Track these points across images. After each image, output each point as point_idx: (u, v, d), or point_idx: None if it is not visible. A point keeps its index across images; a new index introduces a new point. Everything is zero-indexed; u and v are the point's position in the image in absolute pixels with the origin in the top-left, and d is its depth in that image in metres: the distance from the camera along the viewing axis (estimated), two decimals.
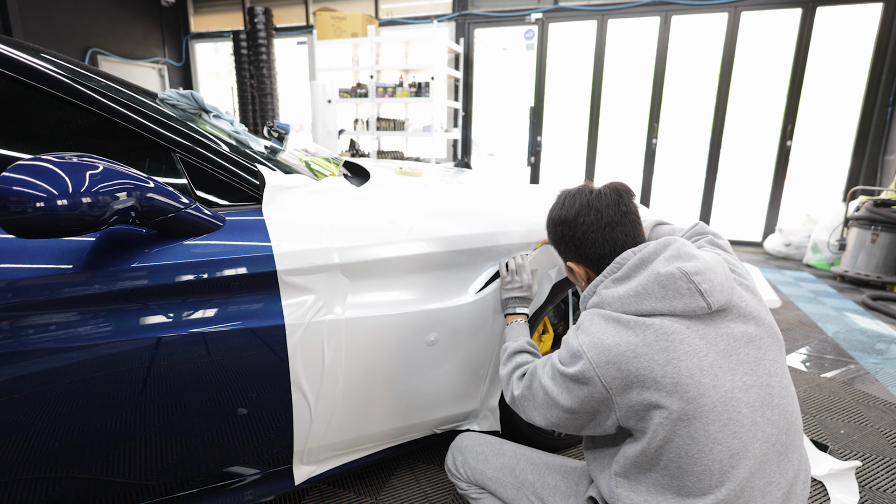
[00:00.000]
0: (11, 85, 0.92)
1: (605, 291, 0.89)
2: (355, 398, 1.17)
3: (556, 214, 1.02)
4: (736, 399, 0.79)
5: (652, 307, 0.82)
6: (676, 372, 0.78)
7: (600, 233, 0.94)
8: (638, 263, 0.87)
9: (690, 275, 0.80)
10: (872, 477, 1.56)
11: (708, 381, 0.78)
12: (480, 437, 1.19)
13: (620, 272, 0.89)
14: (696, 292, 0.80)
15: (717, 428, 0.77)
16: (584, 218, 0.95)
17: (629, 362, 0.80)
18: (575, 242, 0.98)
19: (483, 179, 1.84)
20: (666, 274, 0.81)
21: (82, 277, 0.86)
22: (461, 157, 5.97)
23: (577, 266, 1.01)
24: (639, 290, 0.83)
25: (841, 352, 2.52)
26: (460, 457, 1.16)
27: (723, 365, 0.80)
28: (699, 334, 0.81)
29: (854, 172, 4.68)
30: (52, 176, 0.72)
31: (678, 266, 0.82)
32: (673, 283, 0.81)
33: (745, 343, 0.83)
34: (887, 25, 4.36)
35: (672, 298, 0.81)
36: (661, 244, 0.87)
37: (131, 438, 0.96)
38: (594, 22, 5.18)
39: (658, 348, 0.79)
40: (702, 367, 0.78)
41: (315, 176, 1.31)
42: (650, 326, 0.81)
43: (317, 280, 1.06)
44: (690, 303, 0.80)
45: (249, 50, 6.28)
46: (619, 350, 0.81)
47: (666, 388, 0.78)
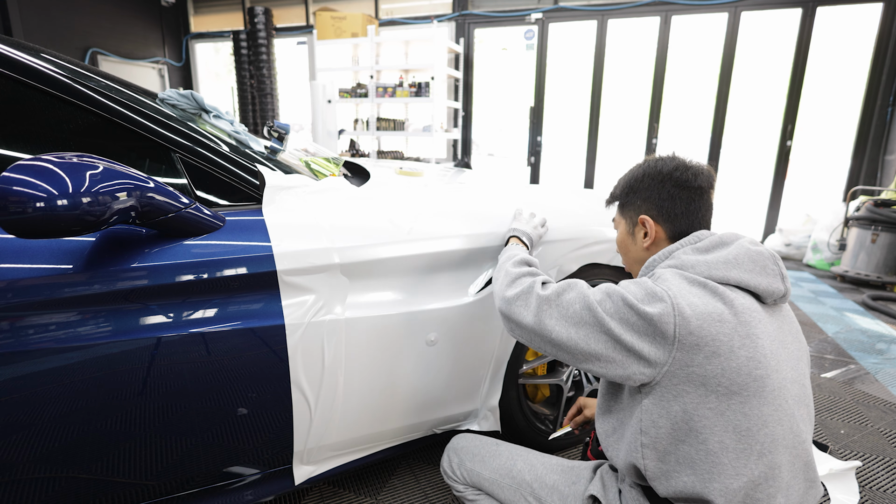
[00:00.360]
0: (11, 85, 0.92)
1: (689, 257, 0.88)
2: (355, 398, 1.17)
3: (650, 166, 1.00)
4: (785, 388, 0.81)
5: (740, 277, 0.83)
6: (754, 346, 0.78)
7: (690, 192, 0.94)
8: (719, 241, 0.89)
9: (776, 258, 0.86)
10: (872, 477, 1.56)
11: (773, 364, 0.80)
12: (476, 439, 1.17)
13: (702, 243, 0.89)
14: (778, 275, 0.85)
15: (770, 410, 0.78)
16: (680, 173, 0.95)
17: (712, 325, 0.78)
18: (662, 195, 0.95)
19: (483, 179, 1.84)
20: (756, 251, 0.85)
21: (82, 277, 0.86)
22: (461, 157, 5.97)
23: (654, 223, 0.96)
24: (729, 259, 0.84)
25: (841, 352, 2.52)
26: (456, 458, 1.14)
27: (781, 354, 0.82)
28: (769, 319, 0.83)
29: (854, 172, 4.68)
30: (52, 176, 0.72)
31: (763, 248, 0.87)
32: (762, 260, 0.85)
33: (793, 339, 0.87)
34: (887, 25, 4.36)
35: (760, 274, 0.84)
36: (734, 234, 0.91)
37: (131, 438, 0.96)
38: (594, 22, 5.18)
39: (742, 320, 0.79)
40: (773, 350, 0.80)
41: (315, 176, 1.31)
42: (736, 299, 0.81)
43: (317, 280, 1.06)
44: (773, 283, 0.84)
45: (249, 50, 6.28)
46: (705, 310, 0.79)
47: (739, 360, 0.77)
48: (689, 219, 0.94)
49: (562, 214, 1.44)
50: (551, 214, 1.43)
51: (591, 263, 1.46)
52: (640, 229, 0.98)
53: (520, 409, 1.48)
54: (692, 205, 0.94)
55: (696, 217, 0.94)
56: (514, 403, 1.46)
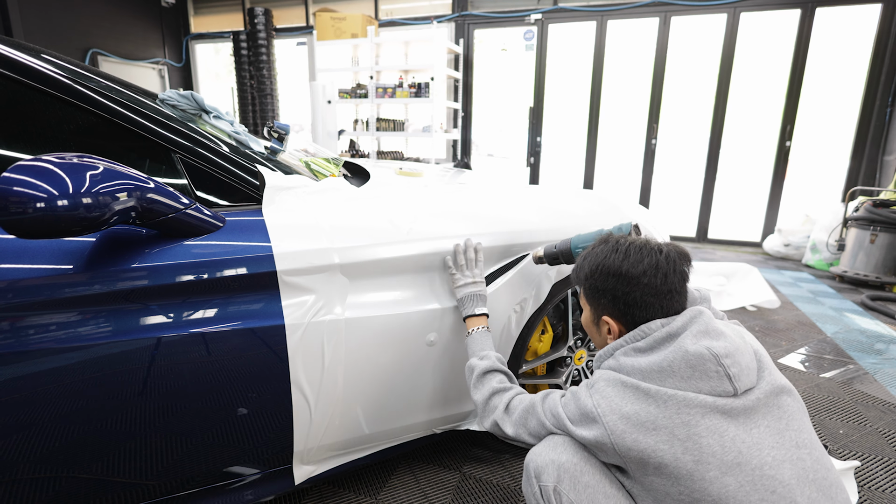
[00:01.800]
0: (12, 85, 0.92)
1: (626, 360, 0.84)
2: (355, 398, 1.17)
3: (615, 265, 0.89)
4: (767, 477, 0.73)
5: (676, 386, 0.77)
6: (697, 448, 0.73)
7: (659, 298, 0.86)
8: (665, 337, 0.83)
9: (720, 357, 0.77)
10: (871, 477, 1.57)
11: (732, 458, 0.73)
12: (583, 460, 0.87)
13: (644, 342, 0.84)
14: (724, 376, 0.76)
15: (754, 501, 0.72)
16: (650, 279, 0.86)
17: (648, 435, 0.75)
18: (628, 301, 0.88)
19: (483, 180, 1.85)
20: (695, 353, 0.77)
21: (83, 278, 0.87)
22: (461, 158, 5.97)
23: (615, 323, 0.91)
24: (664, 367, 0.79)
25: (840, 352, 2.52)
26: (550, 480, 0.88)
27: (745, 440, 0.74)
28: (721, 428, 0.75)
29: (853, 173, 4.68)
30: (52, 176, 0.73)
31: (707, 346, 0.78)
32: (702, 364, 0.77)
33: (765, 415, 0.78)
34: (886, 26, 4.37)
35: (698, 380, 0.77)
36: (690, 317, 0.83)
37: (131, 438, 0.96)
38: (593, 23, 5.19)
39: (679, 422, 0.74)
40: (723, 445, 0.73)
41: (315, 176, 1.32)
42: (672, 398, 0.76)
43: (317, 280, 1.06)
44: (717, 386, 0.76)
45: (249, 50, 6.28)
46: (638, 419, 0.76)
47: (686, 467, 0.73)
48: (653, 316, 0.88)
49: (561, 215, 1.45)
50: (551, 215, 1.43)
51: None
52: (604, 325, 0.94)
53: None
54: (662, 309, 0.87)
55: (659, 313, 0.87)
56: None
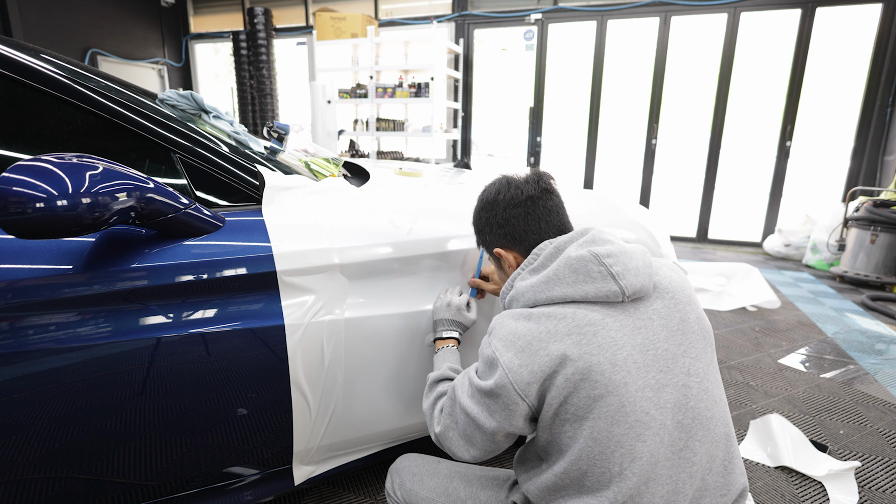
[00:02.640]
0: (11, 85, 0.92)
1: (521, 283, 0.85)
2: (355, 398, 1.17)
3: (477, 204, 0.99)
4: (645, 399, 0.74)
5: (563, 293, 0.78)
6: (587, 367, 0.73)
7: (521, 207, 0.91)
8: (553, 252, 0.84)
9: (601, 257, 0.77)
10: (872, 477, 1.56)
11: (620, 377, 0.73)
12: (418, 458, 1.11)
13: (536, 262, 0.86)
14: (607, 275, 0.76)
15: (622, 430, 0.72)
16: (504, 194, 0.92)
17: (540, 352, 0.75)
18: (498, 222, 0.93)
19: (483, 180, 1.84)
20: (577, 257, 0.79)
21: (82, 278, 0.87)
22: (461, 158, 5.97)
23: (506, 252, 0.94)
24: (550, 277, 0.80)
25: (840, 352, 2.52)
26: (398, 479, 1.08)
27: (637, 360, 0.75)
28: (617, 324, 0.76)
29: (853, 173, 4.68)
30: (51, 176, 0.73)
31: (590, 249, 0.79)
32: (584, 267, 0.78)
33: (666, 336, 0.78)
34: (886, 26, 4.37)
35: (583, 283, 0.77)
36: (579, 231, 0.85)
37: (131, 439, 0.96)
38: (594, 22, 5.19)
39: (571, 341, 0.74)
40: (615, 362, 0.73)
41: (315, 176, 1.31)
42: (563, 317, 0.76)
43: (317, 280, 1.06)
44: (602, 287, 0.76)
45: (249, 50, 6.28)
46: (528, 338, 0.76)
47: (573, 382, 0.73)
48: (535, 231, 0.91)
49: None
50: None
51: None
52: (504, 261, 0.96)
53: None
54: (530, 218, 0.90)
55: (540, 226, 0.90)
56: None
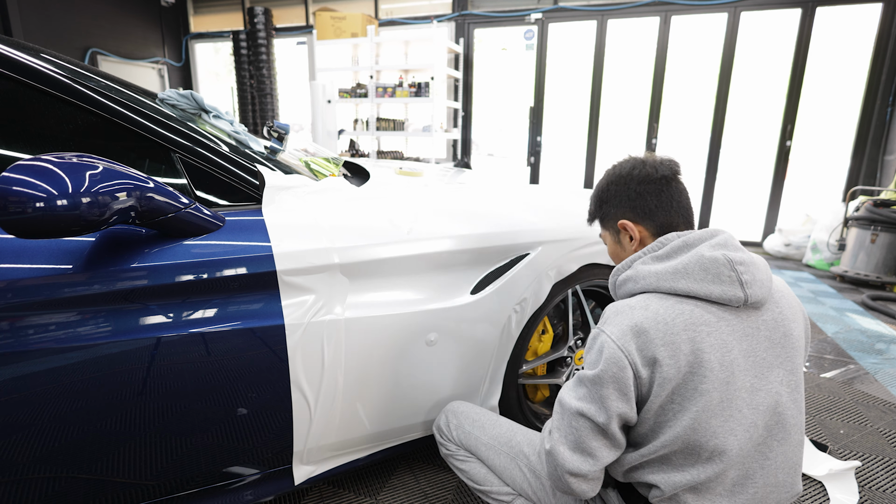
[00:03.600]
0: (11, 85, 0.92)
1: (643, 266, 0.88)
2: (355, 398, 1.17)
3: (607, 176, 1.01)
4: (741, 399, 0.79)
5: (688, 287, 0.81)
6: (698, 361, 0.77)
7: (655, 185, 0.93)
8: (682, 245, 0.87)
9: (735, 263, 0.80)
10: (872, 477, 1.56)
11: (725, 376, 0.78)
12: (476, 407, 1.21)
13: (662, 251, 0.88)
14: (735, 281, 0.80)
15: (718, 422, 0.78)
16: (639, 171, 0.95)
17: (656, 339, 0.78)
18: (630, 195, 0.95)
19: (483, 179, 1.85)
20: (710, 258, 0.81)
21: (82, 277, 0.86)
22: (461, 158, 5.97)
23: (633, 224, 0.95)
24: (678, 268, 0.83)
25: (840, 352, 2.52)
26: (455, 420, 1.18)
27: (741, 363, 0.80)
28: (729, 328, 0.80)
29: (854, 172, 4.68)
30: (51, 176, 0.72)
31: (724, 253, 0.82)
32: (715, 267, 0.80)
33: (767, 347, 0.83)
34: (887, 25, 4.37)
35: (711, 282, 0.80)
36: (710, 232, 0.88)
37: (131, 438, 0.96)
38: (594, 22, 5.18)
39: (686, 336, 0.78)
40: (722, 362, 0.78)
41: (315, 176, 1.31)
42: (682, 311, 0.80)
43: (317, 280, 1.06)
44: (728, 290, 0.80)
45: (249, 50, 6.28)
46: (646, 320, 0.79)
47: (683, 373, 0.77)
48: (665, 210, 0.93)
49: (561, 214, 1.44)
50: (551, 214, 1.43)
51: (591, 264, 1.46)
52: (625, 235, 0.98)
53: (519, 409, 1.48)
54: (662, 196, 0.93)
55: (671, 206, 0.93)
56: (514, 403, 1.46)
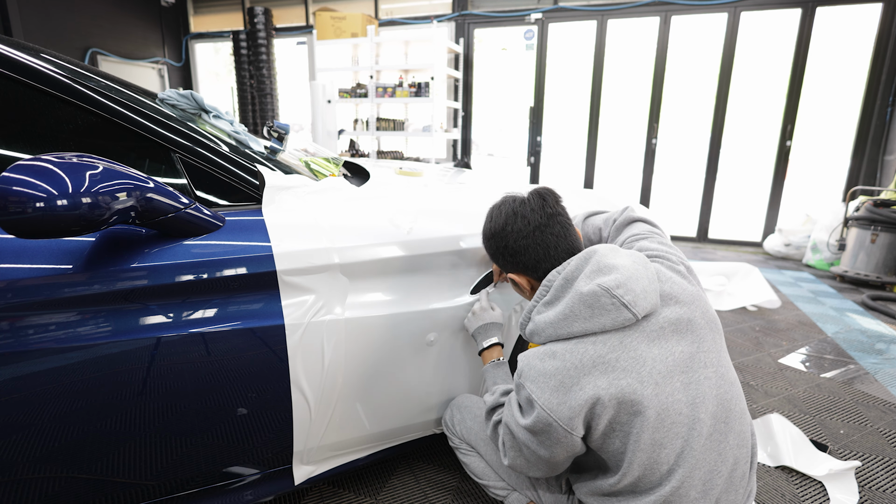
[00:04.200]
0: (11, 85, 0.92)
1: (539, 318, 0.90)
2: (355, 398, 1.17)
3: (486, 229, 1.04)
4: (677, 402, 0.81)
5: (583, 328, 0.83)
6: (619, 391, 0.79)
7: (531, 238, 0.95)
8: (563, 284, 0.88)
9: (612, 290, 0.81)
10: (872, 477, 1.56)
11: (650, 391, 0.79)
12: (480, 400, 1.24)
13: (549, 295, 0.90)
14: (620, 306, 0.81)
15: (662, 434, 0.80)
16: (511, 226, 0.97)
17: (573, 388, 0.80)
18: (509, 252, 0.98)
19: (483, 179, 1.85)
20: (588, 293, 0.82)
21: (82, 277, 0.86)
22: (461, 158, 5.97)
23: (519, 276, 1.01)
24: (567, 314, 0.84)
25: (840, 352, 2.52)
26: (458, 415, 1.22)
27: (661, 370, 0.81)
28: (634, 344, 0.82)
29: (854, 172, 4.68)
30: (51, 176, 0.72)
31: (598, 283, 0.82)
32: (597, 301, 0.82)
33: (679, 339, 0.84)
34: (887, 25, 4.37)
35: (598, 316, 0.82)
36: (583, 258, 0.88)
37: (131, 438, 0.96)
38: (594, 22, 5.18)
39: (598, 372, 0.80)
40: (641, 380, 0.80)
41: (315, 176, 1.31)
42: (585, 351, 0.82)
43: (317, 280, 1.06)
44: (618, 317, 0.81)
45: (249, 50, 6.28)
46: (559, 377, 0.81)
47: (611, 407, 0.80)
48: (545, 258, 0.95)
49: None
50: None
51: None
52: (517, 283, 1.03)
53: None
54: (539, 248, 0.95)
55: (549, 253, 0.95)
56: None
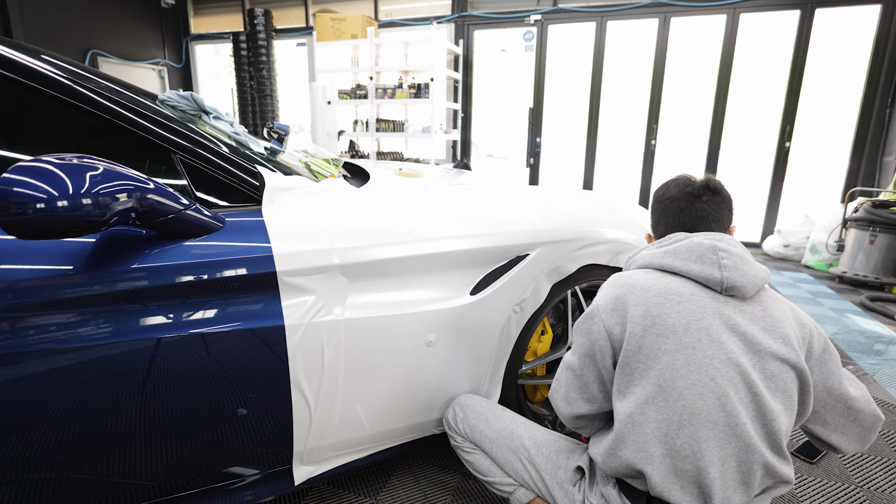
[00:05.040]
0: (12, 86, 0.92)
1: (645, 251, 0.98)
2: (355, 398, 1.17)
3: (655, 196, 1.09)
4: (713, 368, 0.81)
5: (672, 263, 0.90)
6: (662, 322, 0.84)
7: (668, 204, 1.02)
8: (683, 237, 0.94)
9: (719, 249, 0.87)
10: (872, 477, 1.57)
11: (690, 340, 0.82)
12: (483, 400, 1.27)
13: (666, 241, 0.97)
14: (715, 263, 0.86)
15: (685, 384, 0.81)
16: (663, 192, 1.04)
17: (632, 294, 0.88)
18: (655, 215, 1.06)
19: (482, 180, 1.85)
20: (698, 242, 0.90)
21: (83, 278, 0.87)
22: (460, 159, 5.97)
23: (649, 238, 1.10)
24: (669, 250, 0.92)
25: (839, 353, 2.52)
26: (461, 413, 1.23)
27: (715, 335, 0.83)
28: (702, 302, 0.85)
29: (852, 173, 4.68)
30: (52, 177, 0.73)
31: (714, 241, 0.89)
32: (700, 250, 0.88)
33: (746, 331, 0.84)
34: (885, 27, 4.38)
35: (693, 261, 0.88)
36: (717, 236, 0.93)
37: (131, 439, 0.96)
38: (593, 23, 5.19)
39: (656, 301, 0.86)
40: (688, 328, 0.83)
41: (315, 177, 1.32)
42: (657, 282, 0.88)
43: (316, 281, 1.06)
44: (706, 269, 0.86)
45: (249, 51, 6.28)
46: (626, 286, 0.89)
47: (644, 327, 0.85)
48: (667, 228, 1.02)
49: (561, 215, 1.45)
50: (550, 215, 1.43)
51: (590, 264, 1.46)
52: None
53: (519, 410, 1.48)
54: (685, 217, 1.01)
55: (674, 223, 1.01)
56: (514, 404, 1.46)
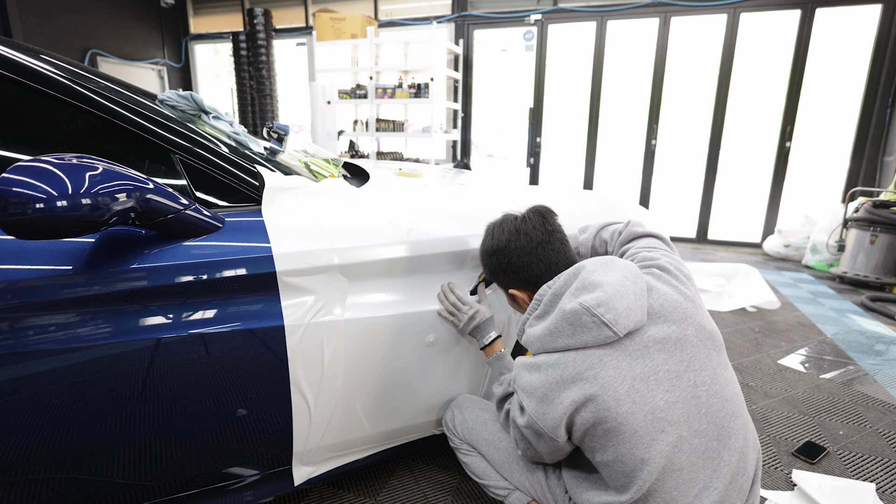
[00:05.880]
0: (11, 86, 0.92)
1: (530, 330, 0.95)
2: (355, 399, 1.17)
3: (488, 246, 1.07)
4: (657, 419, 0.82)
5: (565, 343, 0.87)
6: (595, 407, 0.83)
7: (533, 254, 1.01)
8: (551, 299, 0.92)
9: (592, 309, 0.84)
10: (871, 477, 1.56)
11: (626, 409, 0.82)
12: (481, 401, 1.25)
13: (539, 309, 0.94)
14: (600, 324, 0.83)
15: (642, 451, 0.82)
16: (514, 243, 1.02)
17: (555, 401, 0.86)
18: (512, 268, 1.03)
19: (482, 180, 1.85)
20: (570, 311, 0.86)
21: (82, 278, 0.87)
22: (460, 159, 5.97)
23: (520, 292, 1.06)
24: (552, 330, 0.89)
25: (840, 353, 2.52)
26: (459, 415, 1.22)
27: (640, 389, 0.83)
28: (615, 362, 0.84)
29: (853, 173, 4.68)
30: (51, 177, 0.72)
31: (580, 301, 0.86)
32: (578, 320, 0.85)
33: (665, 357, 0.85)
34: (886, 27, 4.37)
35: (580, 333, 0.85)
36: (572, 274, 0.92)
37: (131, 439, 0.96)
38: (593, 23, 5.19)
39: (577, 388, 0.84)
40: (618, 398, 0.82)
41: (314, 177, 1.32)
42: (566, 365, 0.86)
43: (316, 281, 1.06)
44: (598, 334, 0.84)
45: (249, 51, 6.28)
46: (543, 389, 0.88)
47: (588, 420, 0.84)
48: (545, 273, 1.01)
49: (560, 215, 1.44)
50: None
51: None
52: (519, 299, 1.07)
53: None
54: (541, 261, 1.01)
55: (549, 268, 1.01)
56: None
